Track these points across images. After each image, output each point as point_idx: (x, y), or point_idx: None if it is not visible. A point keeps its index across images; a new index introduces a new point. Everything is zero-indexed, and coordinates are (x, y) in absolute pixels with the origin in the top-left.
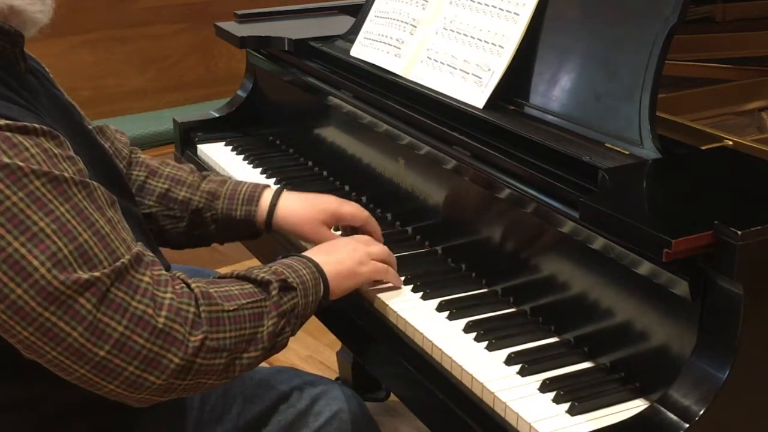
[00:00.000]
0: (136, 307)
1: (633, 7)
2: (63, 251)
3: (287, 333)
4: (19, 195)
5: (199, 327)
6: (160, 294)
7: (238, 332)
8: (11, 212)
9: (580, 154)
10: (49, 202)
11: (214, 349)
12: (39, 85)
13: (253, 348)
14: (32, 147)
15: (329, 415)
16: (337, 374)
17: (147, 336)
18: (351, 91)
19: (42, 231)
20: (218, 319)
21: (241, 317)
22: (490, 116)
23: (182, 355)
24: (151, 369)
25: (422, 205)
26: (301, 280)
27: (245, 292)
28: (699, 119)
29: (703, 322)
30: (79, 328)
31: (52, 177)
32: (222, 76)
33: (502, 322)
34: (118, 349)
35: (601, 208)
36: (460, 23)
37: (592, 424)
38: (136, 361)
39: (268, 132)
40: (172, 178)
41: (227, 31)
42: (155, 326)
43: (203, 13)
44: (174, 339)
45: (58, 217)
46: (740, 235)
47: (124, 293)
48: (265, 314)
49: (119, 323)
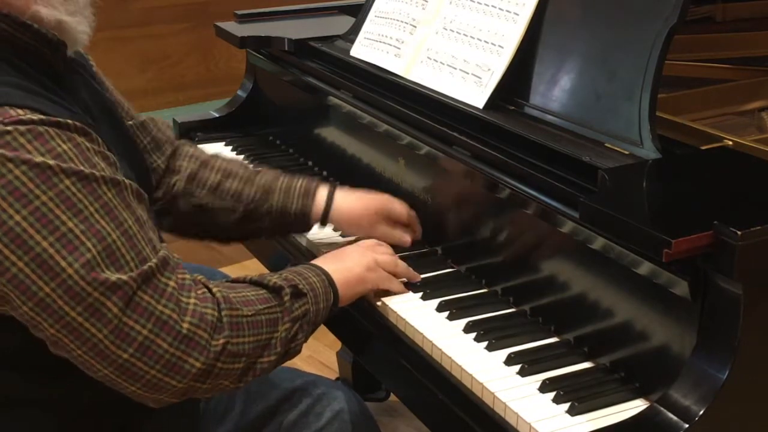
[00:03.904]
0: (162, 312)
1: (633, 7)
2: (92, 251)
3: (300, 339)
4: (48, 194)
5: (221, 331)
6: (185, 299)
7: (255, 337)
8: (41, 212)
9: (580, 154)
10: (79, 202)
11: (234, 353)
12: (81, 82)
13: (268, 353)
14: (65, 143)
15: (330, 415)
16: (337, 374)
17: (171, 341)
18: (351, 91)
19: (71, 231)
20: (238, 324)
21: (259, 322)
22: (490, 116)
23: (204, 359)
24: (173, 373)
25: (422, 205)
26: (312, 287)
27: (261, 298)
28: (699, 119)
29: (703, 322)
30: (105, 331)
31: (82, 176)
32: (222, 76)
33: (502, 322)
34: (142, 353)
35: (601, 208)
36: (460, 23)
37: (592, 424)
38: (158, 365)
39: (268, 132)
40: (224, 170)
41: (227, 31)
42: (179, 331)
43: (203, 13)
44: (197, 344)
45: (87, 217)
46: (740, 235)
47: (150, 297)
48: (279, 320)
49: (144, 327)
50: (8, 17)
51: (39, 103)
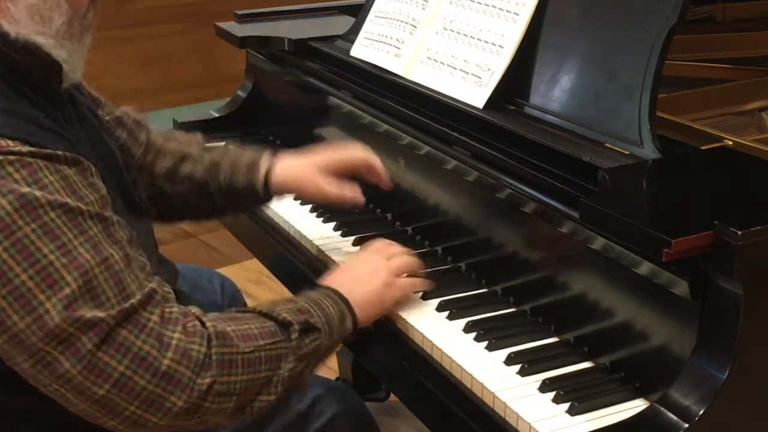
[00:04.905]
0: (141, 348)
1: (633, 7)
2: (71, 286)
3: (306, 374)
4: (32, 226)
5: (208, 369)
6: (168, 333)
7: (251, 375)
8: (22, 243)
9: (580, 154)
10: (63, 235)
11: (223, 393)
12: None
13: (267, 392)
14: (52, 174)
15: (330, 416)
16: (337, 374)
17: (149, 378)
18: (351, 91)
19: (51, 264)
20: (231, 362)
21: (257, 359)
22: (490, 116)
23: (186, 398)
24: (153, 410)
25: (422, 205)
26: (327, 319)
27: (265, 332)
28: (699, 119)
29: (703, 322)
30: (78, 366)
31: (67, 208)
32: (222, 76)
33: (502, 322)
34: (119, 389)
35: (601, 208)
36: (460, 23)
37: (592, 424)
38: (137, 401)
39: (268, 132)
40: (176, 154)
41: (227, 31)
42: (158, 368)
43: (203, 13)
44: (178, 382)
45: (70, 250)
46: (740, 235)
47: (128, 332)
48: (283, 357)
49: (120, 363)
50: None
51: (30, 134)
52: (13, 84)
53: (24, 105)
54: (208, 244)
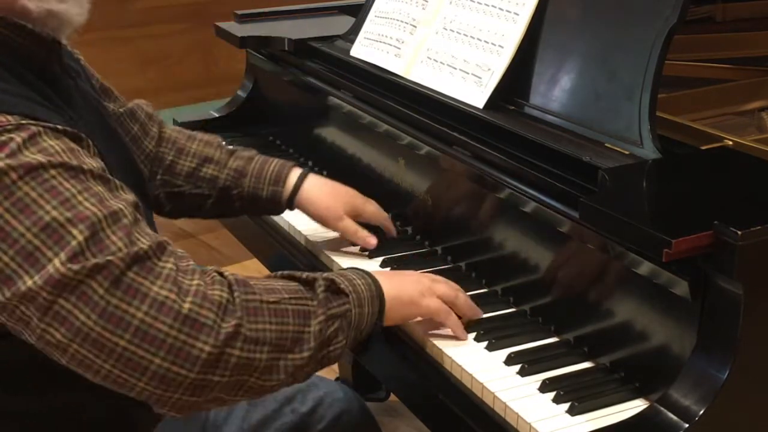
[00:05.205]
0: (158, 293)
1: (633, 7)
2: (77, 239)
3: (340, 341)
4: (31, 184)
5: (232, 313)
6: (186, 281)
7: (280, 326)
8: (23, 202)
9: (580, 154)
10: (66, 190)
11: (253, 339)
12: (73, 85)
13: (299, 349)
14: (52, 139)
15: (332, 417)
16: (337, 374)
17: (171, 322)
18: (351, 91)
19: (55, 220)
20: (256, 309)
21: (284, 311)
22: (490, 116)
23: (213, 341)
24: (180, 360)
25: (422, 205)
26: (354, 288)
27: (289, 288)
28: (699, 119)
29: (703, 322)
30: (93, 316)
31: (68, 167)
32: (222, 76)
33: (502, 322)
34: (140, 338)
35: (600, 208)
36: (459, 23)
37: (592, 424)
38: (162, 351)
39: (268, 132)
40: (199, 155)
41: (227, 31)
42: (179, 311)
43: (203, 13)
44: (202, 325)
45: (75, 205)
46: (740, 235)
47: (143, 278)
48: (312, 313)
49: (138, 309)
50: (2, 19)
51: (31, 109)
52: (13, 69)
53: (23, 88)
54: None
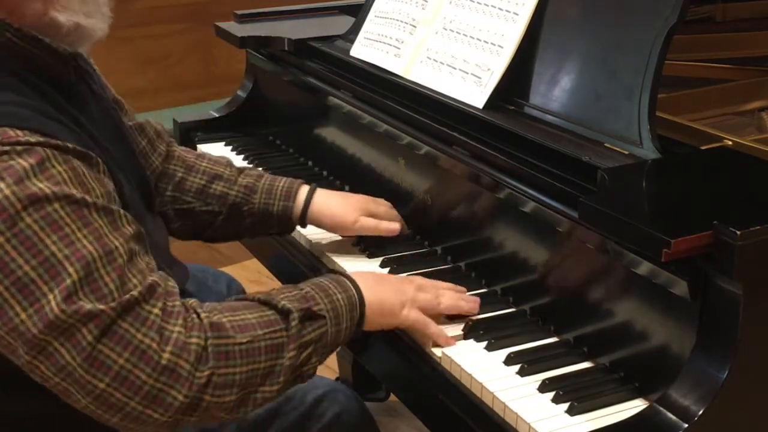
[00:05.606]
0: (141, 341)
1: (633, 7)
2: (72, 277)
3: (314, 362)
4: (34, 217)
5: (206, 362)
6: (169, 327)
7: (250, 366)
8: (25, 234)
9: (579, 154)
10: (66, 226)
11: (223, 385)
12: (88, 92)
13: (270, 382)
14: (60, 164)
15: (332, 416)
16: (337, 374)
17: (150, 371)
18: (351, 91)
19: (54, 256)
20: (227, 353)
21: (256, 350)
22: (489, 116)
23: (186, 392)
24: (154, 405)
25: (422, 205)
26: (333, 306)
27: (264, 321)
28: (699, 119)
29: (702, 322)
30: (78, 359)
31: (72, 200)
32: (222, 76)
33: (501, 322)
34: (119, 383)
35: (600, 208)
36: (459, 23)
37: (592, 424)
38: (138, 396)
39: (268, 132)
40: (209, 173)
41: (227, 31)
42: (158, 362)
43: (203, 13)
44: (178, 376)
45: (73, 241)
46: (740, 235)
47: (129, 325)
48: (284, 346)
49: (120, 356)
50: (19, 31)
51: (41, 124)
52: (27, 79)
53: (37, 99)
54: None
